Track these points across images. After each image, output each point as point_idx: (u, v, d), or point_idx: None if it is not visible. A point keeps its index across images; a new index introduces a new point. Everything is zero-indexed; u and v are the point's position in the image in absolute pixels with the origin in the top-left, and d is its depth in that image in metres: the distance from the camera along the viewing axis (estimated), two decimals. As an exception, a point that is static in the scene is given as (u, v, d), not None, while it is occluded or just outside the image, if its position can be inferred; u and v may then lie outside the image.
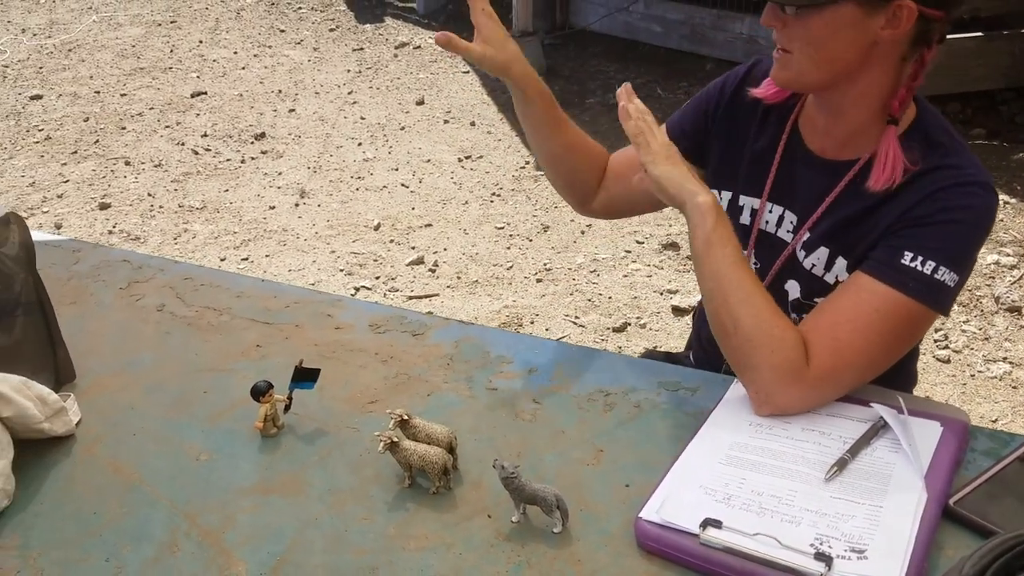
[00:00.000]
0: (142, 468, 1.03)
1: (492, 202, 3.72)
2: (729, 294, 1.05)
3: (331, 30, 5.99)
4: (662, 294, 3.00)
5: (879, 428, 1.01)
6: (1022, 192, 3.53)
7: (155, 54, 5.65)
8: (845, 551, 0.84)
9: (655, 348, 2.70)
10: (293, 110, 4.74)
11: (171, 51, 5.71)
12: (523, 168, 4.02)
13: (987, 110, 4.10)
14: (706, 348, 1.35)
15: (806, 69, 1.06)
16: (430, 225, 3.54)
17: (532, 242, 3.40)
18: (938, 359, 2.61)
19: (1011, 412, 2.40)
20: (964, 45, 3.90)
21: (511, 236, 3.44)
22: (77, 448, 1.07)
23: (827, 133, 1.15)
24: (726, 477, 0.95)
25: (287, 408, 1.09)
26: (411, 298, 3.05)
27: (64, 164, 4.19)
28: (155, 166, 4.15)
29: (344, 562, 0.89)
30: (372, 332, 1.28)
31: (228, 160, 4.19)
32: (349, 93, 4.96)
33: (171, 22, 6.28)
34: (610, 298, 3.00)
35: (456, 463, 1.00)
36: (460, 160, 4.10)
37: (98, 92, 5.05)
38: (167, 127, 4.57)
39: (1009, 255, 3.10)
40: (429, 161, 4.11)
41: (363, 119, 4.61)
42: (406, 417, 1.00)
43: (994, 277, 2.99)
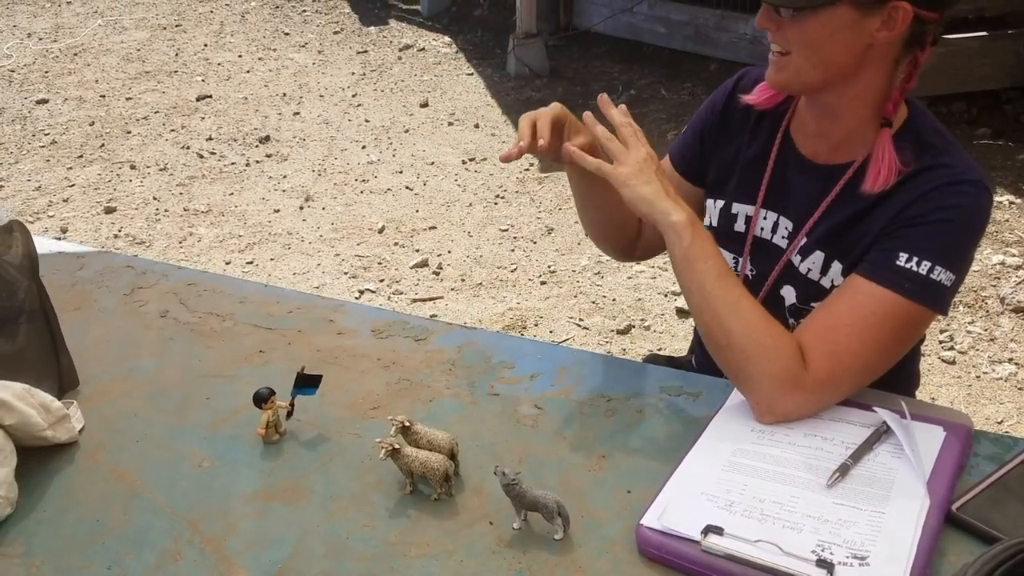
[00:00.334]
0: (144, 475, 1.03)
1: (496, 204, 3.72)
2: (716, 309, 1.05)
3: (335, 33, 6.01)
4: (666, 296, 2.99)
5: (881, 433, 1.01)
6: (1028, 192, 3.52)
7: (160, 58, 5.67)
8: (847, 558, 0.84)
9: (659, 351, 2.70)
10: (298, 113, 4.75)
11: (176, 55, 5.72)
12: (527, 170, 4.02)
13: (992, 109, 4.08)
14: (707, 352, 1.34)
15: (802, 70, 1.06)
16: (434, 227, 3.55)
17: (536, 244, 3.40)
18: (943, 360, 2.60)
19: (1017, 413, 2.39)
20: (968, 45, 3.88)
21: (515, 238, 3.44)
22: (80, 455, 1.07)
23: (820, 137, 1.15)
24: (728, 483, 0.95)
25: (289, 414, 1.09)
26: (415, 301, 3.06)
27: (70, 168, 4.21)
28: (160, 170, 4.16)
29: (346, 569, 0.89)
30: (374, 337, 1.28)
31: (233, 164, 4.20)
32: (353, 96, 4.96)
33: (176, 26, 6.29)
34: (614, 300, 3.00)
35: (458, 469, 1.00)
36: (464, 162, 4.10)
37: (103, 96, 5.07)
38: (172, 131, 4.59)
39: (1015, 255, 3.09)
40: (433, 163, 4.11)
41: (367, 122, 4.62)
42: (407, 423, 1.00)
43: (999, 278, 2.98)
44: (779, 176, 1.19)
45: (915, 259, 1.03)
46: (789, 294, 1.18)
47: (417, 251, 3.38)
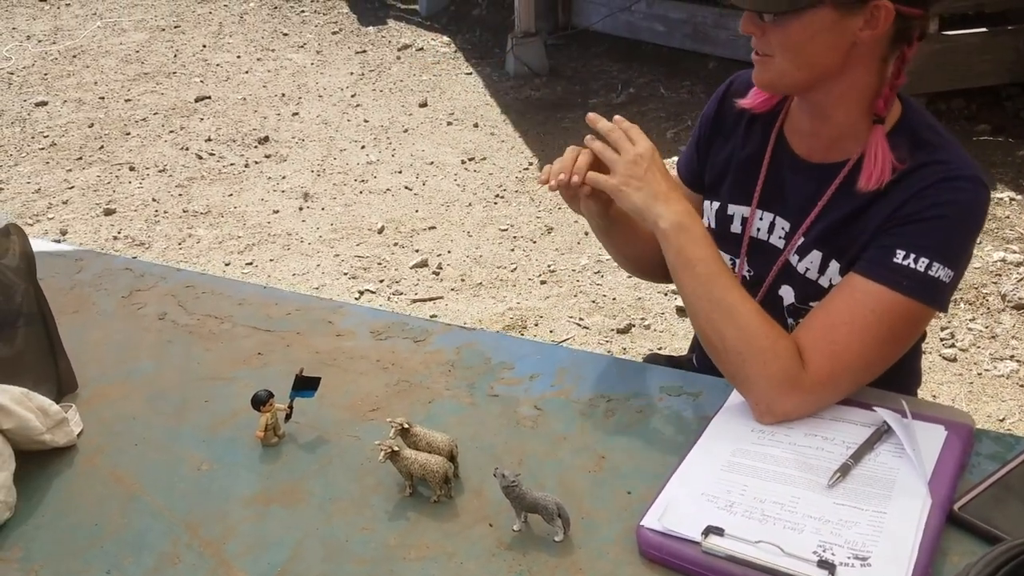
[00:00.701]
0: (143, 478, 1.03)
1: (496, 204, 3.71)
2: (710, 312, 1.05)
3: (334, 33, 6.00)
4: (666, 295, 2.99)
5: (882, 433, 1.00)
6: (1028, 188, 3.51)
7: (159, 59, 5.67)
8: (848, 558, 0.83)
9: (659, 350, 2.70)
10: (296, 114, 4.75)
11: (175, 56, 5.72)
12: (526, 169, 4.01)
13: (992, 106, 4.07)
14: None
15: (786, 72, 1.06)
16: (434, 228, 3.54)
17: (536, 244, 3.39)
18: (944, 358, 2.60)
19: (1018, 411, 2.38)
20: (968, 41, 3.88)
21: (515, 238, 3.44)
22: (78, 459, 1.07)
23: (813, 136, 1.15)
24: (728, 484, 0.94)
25: (288, 417, 1.09)
26: (415, 301, 3.05)
27: (69, 170, 4.20)
28: (159, 171, 4.16)
29: (345, 572, 0.89)
30: (373, 339, 1.28)
31: (232, 164, 4.20)
32: (352, 96, 4.96)
33: (175, 27, 6.29)
34: (614, 299, 2.99)
35: (457, 471, 1.00)
36: (463, 162, 4.10)
37: (102, 98, 5.06)
38: (171, 132, 4.58)
39: (1015, 252, 3.08)
40: (432, 163, 4.11)
41: (366, 122, 4.61)
42: (407, 426, 0.99)
43: (1000, 274, 2.97)
44: (774, 176, 1.19)
45: (912, 256, 1.02)
46: (788, 294, 1.18)
47: (417, 251, 3.37)
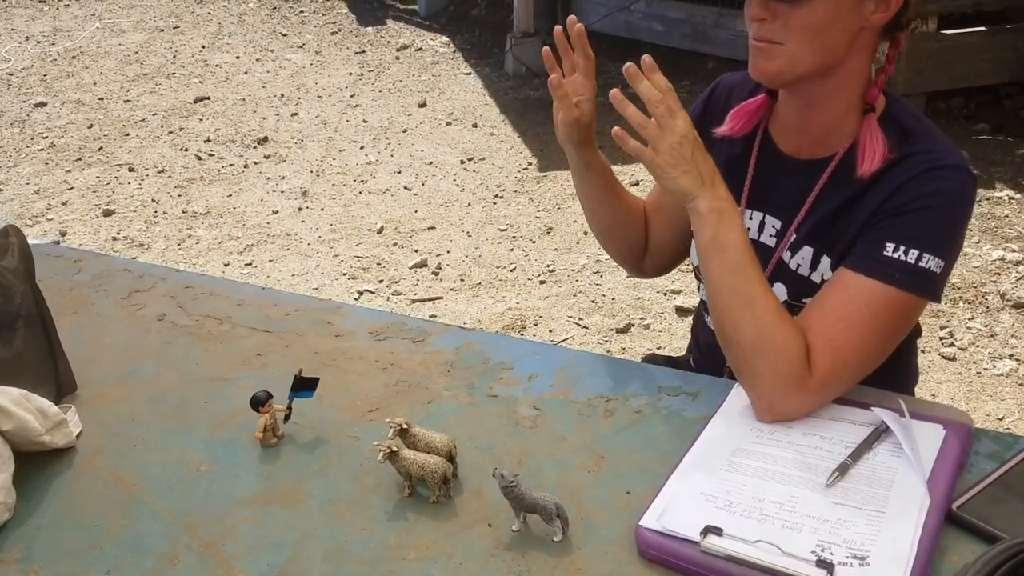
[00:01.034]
0: (143, 479, 1.03)
1: (495, 204, 3.72)
2: (729, 302, 1.04)
3: (333, 33, 6.00)
4: (665, 294, 2.99)
5: (881, 432, 1.00)
6: (1027, 187, 3.51)
7: (158, 60, 5.67)
8: (847, 558, 0.84)
9: (658, 349, 2.70)
10: (296, 114, 4.75)
11: (174, 57, 5.72)
12: (525, 169, 4.02)
13: (991, 105, 4.08)
14: (705, 353, 1.34)
15: (798, 57, 1.04)
16: (433, 228, 3.54)
17: (535, 244, 3.39)
18: (943, 357, 2.60)
19: (1018, 410, 2.38)
20: (967, 40, 3.88)
21: (514, 238, 3.44)
22: (78, 460, 1.07)
23: (801, 132, 1.15)
24: (727, 483, 0.94)
25: (287, 418, 1.09)
26: (415, 301, 3.06)
27: (68, 171, 4.21)
28: (159, 172, 4.16)
29: (344, 572, 0.89)
30: (372, 339, 1.28)
31: (231, 165, 4.20)
32: (351, 96, 4.96)
33: (174, 27, 6.29)
34: (614, 299, 2.99)
35: (456, 472, 1.00)
36: (463, 162, 4.10)
37: (102, 99, 5.07)
38: (170, 133, 4.59)
39: (1014, 251, 3.09)
40: (432, 163, 4.11)
41: (365, 122, 4.61)
42: (405, 426, 1.00)
43: (999, 273, 2.97)
44: (761, 176, 1.19)
45: (902, 248, 1.03)
46: (780, 291, 1.18)
47: (416, 251, 3.38)
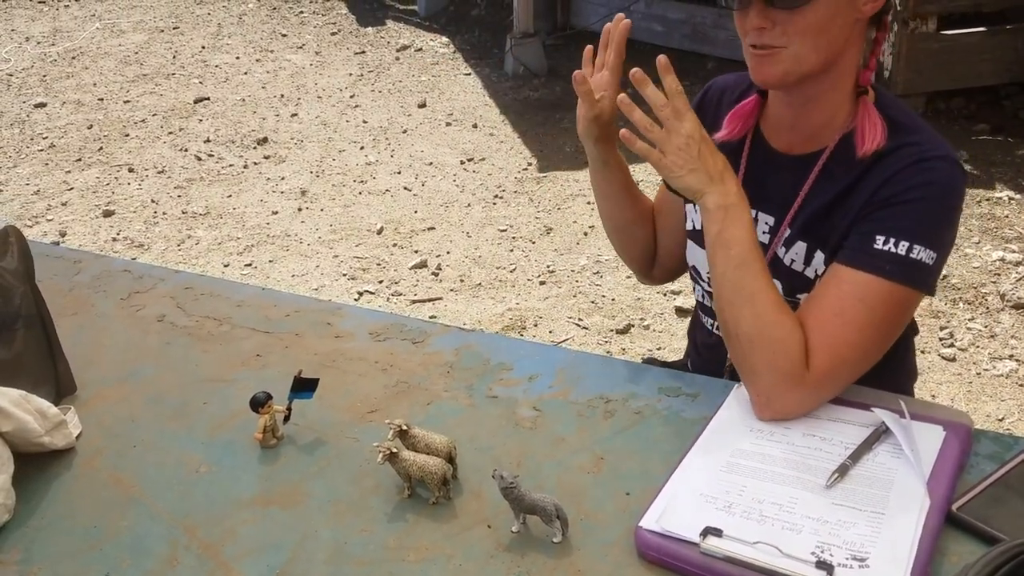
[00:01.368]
0: (142, 481, 1.03)
1: (495, 204, 3.71)
2: (732, 297, 1.05)
3: (333, 34, 6.00)
4: (665, 295, 2.99)
5: (881, 433, 1.00)
6: (1027, 188, 3.51)
7: (158, 60, 5.67)
8: (847, 559, 0.84)
9: (657, 348, 2.70)
10: (295, 114, 4.75)
11: (174, 57, 5.72)
12: (525, 170, 4.02)
13: (991, 105, 4.08)
14: (703, 355, 1.34)
15: (803, 58, 1.05)
16: (433, 228, 3.54)
17: (535, 244, 3.39)
18: (943, 357, 2.60)
19: (1018, 410, 2.38)
20: (967, 40, 3.88)
21: (514, 238, 3.44)
22: (77, 461, 1.07)
23: (794, 129, 1.16)
24: (727, 484, 0.94)
25: (286, 419, 1.09)
26: (415, 302, 3.05)
27: (68, 172, 4.20)
28: (158, 172, 4.16)
29: (344, 574, 0.89)
30: (372, 340, 1.28)
31: (231, 165, 4.20)
32: (351, 97, 4.96)
33: (173, 28, 6.29)
34: (613, 300, 2.99)
35: (456, 473, 1.00)
36: (462, 163, 4.10)
37: (101, 99, 5.07)
38: (170, 133, 4.59)
39: (1014, 251, 3.08)
40: (431, 164, 4.11)
41: (365, 122, 4.61)
42: (405, 427, 0.99)
43: (999, 274, 2.97)
44: (753, 174, 1.20)
45: (892, 240, 1.03)
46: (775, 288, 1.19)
47: (416, 252, 3.37)
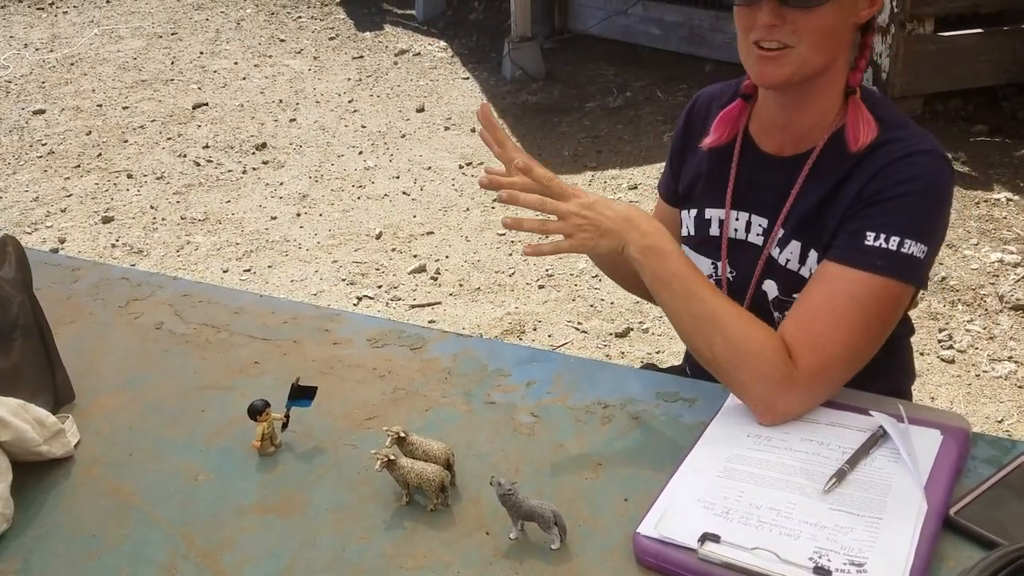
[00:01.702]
0: (140, 489, 1.03)
1: (494, 208, 3.72)
2: (695, 326, 1.06)
3: (331, 39, 6.01)
4: (665, 298, 2.99)
5: (878, 437, 1.00)
6: (1025, 189, 3.51)
7: (156, 66, 5.68)
8: (844, 564, 0.84)
9: (657, 352, 2.70)
10: (294, 120, 4.76)
11: (172, 63, 5.73)
12: (524, 174, 4.01)
13: (989, 106, 4.08)
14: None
15: (808, 59, 1.06)
16: (432, 233, 3.54)
17: (534, 248, 3.39)
18: (942, 359, 2.60)
19: (1017, 412, 2.38)
20: (964, 42, 3.89)
21: (512, 243, 3.44)
22: (76, 470, 1.07)
23: (783, 131, 1.16)
24: (724, 490, 0.94)
25: (284, 426, 1.09)
26: (413, 307, 3.06)
27: (67, 178, 4.21)
28: (157, 178, 4.16)
29: (342, 582, 0.89)
30: (370, 347, 1.28)
31: (230, 171, 4.20)
32: (350, 101, 4.97)
33: (172, 34, 6.30)
34: (612, 303, 2.99)
35: (454, 479, 1.00)
36: (461, 167, 4.10)
37: (100, 105, 5.07)
38: (169, 139, 4.59)
39: (1013, 253, 3.09)
40: (430, 168, 4.11)
41: (364, 127, 4.62)
42: (403, 434, 1.00)
43: (998, 275, 2.97)
44: (744, 177, 1.21)
45: (883, 236, 1.03)
46: (771, 288, 1.19)
47: (415, 257, 3.38)
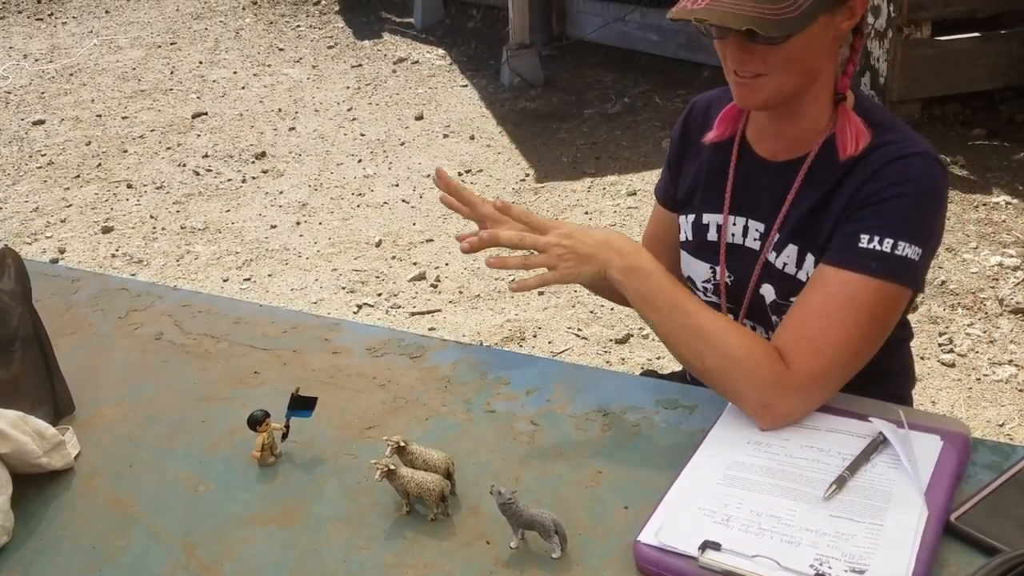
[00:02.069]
0: (140, 500, 1.03)
1: (493, 216, 3.72)
2: (683, 339, 1.07)
3: (329, 47, 6.03)
4: (664, 304, 2.99)
5: (878, 443, 1.00)
6: (1024, 192, 3.51)
7: (155, 76, 5.69)
8: (845, 571, 0.83)
9: (657, 359, 2.70)
10: (293, 128, 4.77)
11: (171, 73, 5.74)
12: (523, 180, 4.02)
13: (987, 110, 4.09)
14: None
15: (784, 85, 1.07)
16: (431, 240, 3.55)
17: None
18: (943, 363, 2.60)
19: (1018, 416, 2.38)
20: (962, 46, 3.89)
21: (512, 250, 3.44)
22: (76, 481, 1.07)
23: (777, 137, 1.17)
24: (725, 498, 0.94)
25: (284, 436, 1.09)
26: (414, 314, 3.06)
27: (67, 188, 4.22)
28: (157, 188, 4.17)
29: (343, 592, 0.89)
30: (370, 356, 1.28)
31: (229, 180, 4.21)
32: (348, 110, 4.98)
33: (171, 44, 6.32)
34: (612, 309, 2.99)
35: (454, 488, 1.00)
36: (460, 174, 4.11)
37: (100, 115, 5.08)
38: (168, 149, 4.60)
39: (1012, 256, 3.09)
40: (429, 176, 4.12)
41: (363, 135, 4.63)
42: (403, 444, 0.99)
43: (997, 279, 2.97)
44: (741, 182, 1.21)
45: (877, 238, 1.04)
46: (769, 292, 1.20)
47: (415, 264, 3.38)
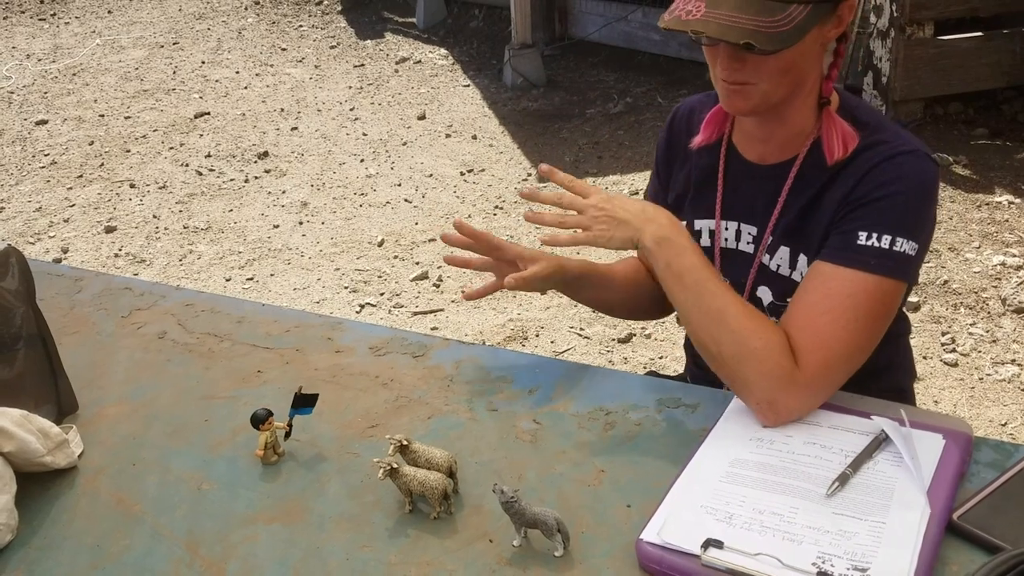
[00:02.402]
0: (144, 499, 1.03)
1: (495, 215, 3.72)
2: (703, 320, 1.07)
3: (332, 47, 6.03)
4: (667, 304, 2.99)
5: (881, 441, 1.00)
6: (1027, 191, 3.51)
7: (158, 76, 5.70)
8: (848, 569, 0.83)
9: (660, 358, 2.70)
10: (295, 128, 4.77)
11: (174, 72, 5.75)
12: (525, 180, 4.02)
13: (989, 109, 4.08)
14: (702, 367, 1.35)
15: (771, 93, 1.08)
16: (434, 240, 3.55)
17: (536, 254, 3.40)
18: (945, 363, 2.60)
19: (1021, 415, 2.38)
20: (964, 45, 3.89)
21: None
22: (79, 480, 1.07)
23: (765, 142, 1.18)
24: (727, 495, 0.94)
25: (287, 435, 1.09)
26: (416, 314, 3.06)
27: (70, 188, 4.22)
28: (160, 188, 4.17)
29: (346, 591, 0.89)
30: (372, 355, 1.28)
31: (232, 180, 4.22)
32: (351, 109, 4.98)
33: (173, 43, 6.33)
34: (615, 309, 2.99)
35: (457, 487, 1.00)
36: (462, 174, 4.11)
37: (102, 115, 5.09)
38: (171, 148, 4.61)
39: (1015, 255, 3.08)
40: (431, 175, 4.12)
41: (365, 135, 4.63)
42: (405, 442, 1.00)
43: (1000, 278, 2.97)
44: (731, 187, 1.22)
45: (874, 236, 1.05)
46: (765, 294, 1.21)
47: (417, 264, 3.38)
